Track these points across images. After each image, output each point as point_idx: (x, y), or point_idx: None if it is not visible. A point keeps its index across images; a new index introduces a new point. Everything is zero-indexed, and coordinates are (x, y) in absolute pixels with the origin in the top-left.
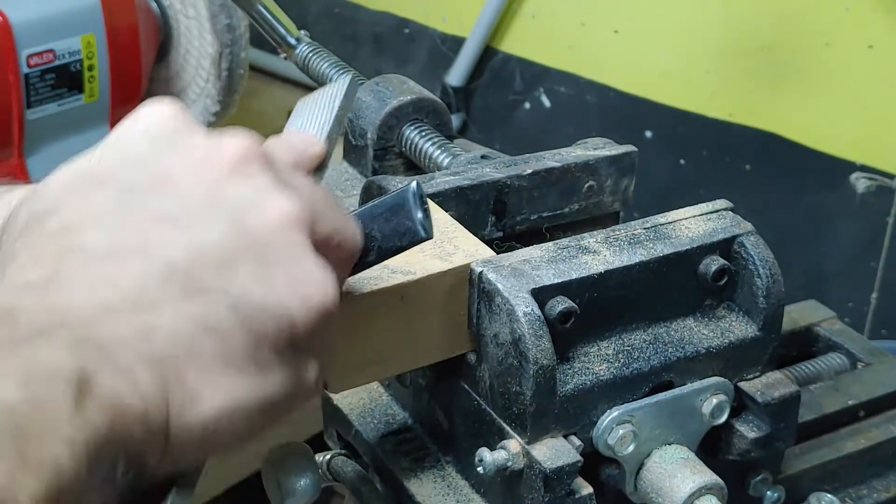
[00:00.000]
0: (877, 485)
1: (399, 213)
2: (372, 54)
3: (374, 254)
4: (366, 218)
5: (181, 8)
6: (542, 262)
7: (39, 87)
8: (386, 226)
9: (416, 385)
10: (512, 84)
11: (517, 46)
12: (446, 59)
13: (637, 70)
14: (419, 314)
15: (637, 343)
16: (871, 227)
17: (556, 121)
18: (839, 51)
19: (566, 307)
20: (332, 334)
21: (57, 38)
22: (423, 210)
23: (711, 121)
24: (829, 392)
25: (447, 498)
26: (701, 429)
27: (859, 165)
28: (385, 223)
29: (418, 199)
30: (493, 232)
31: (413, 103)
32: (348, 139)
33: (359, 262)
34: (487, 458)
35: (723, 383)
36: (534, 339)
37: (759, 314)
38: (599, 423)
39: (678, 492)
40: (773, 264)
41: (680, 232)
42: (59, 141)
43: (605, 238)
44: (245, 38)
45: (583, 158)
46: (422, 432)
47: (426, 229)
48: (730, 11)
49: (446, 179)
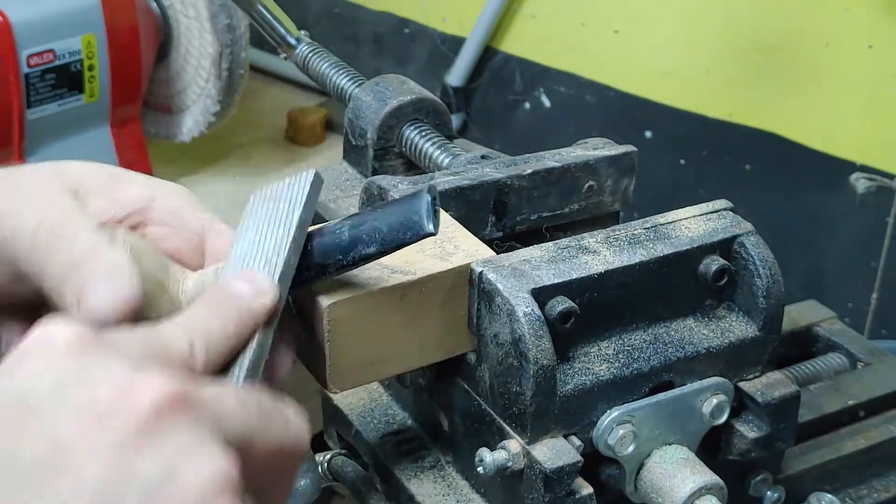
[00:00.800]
0: (877, 485)
1: (408, 208)
2: (372, 54)
3: (376, 246)
4: (377, 212)
5: (181, 8)
6: (543, 263)
7: (39, 87)
8: (392, 219)
9: (416, 385)
10: (512, 84)
11: (517, 46)
12: (446, 59)
13: (637, 70)
14: (419, 314)
15: (637, 343)
16: (872, 228)
17: (556, 121)
18: (839, 51)
19: (566, 307)
20: (333, 334)
21: (57, 38)
22: (433, 208)
23: (711, 121)
24: (829, 392)
25: (447, 498)
26: (701, 429)
27: (859, 165)
28: (391, 216)
29: (431, 199)
30: (493, 232)
31: (413, 103)
32: (348, 139)
33: (359, 254)
34: (487, 459)
35: (723, 383)
36: (534, 340)
37: (759, 314)
38: (599, 423)
39: (678, 492)
40: (773, 264)
41: (680, 232)
42: (60, 141)
43: (605, 238)
44: (245, 38)
45: (583, 158)
46: (422, 432)
47: (433, 223)
48: (730, 11)
49: (446, 179)
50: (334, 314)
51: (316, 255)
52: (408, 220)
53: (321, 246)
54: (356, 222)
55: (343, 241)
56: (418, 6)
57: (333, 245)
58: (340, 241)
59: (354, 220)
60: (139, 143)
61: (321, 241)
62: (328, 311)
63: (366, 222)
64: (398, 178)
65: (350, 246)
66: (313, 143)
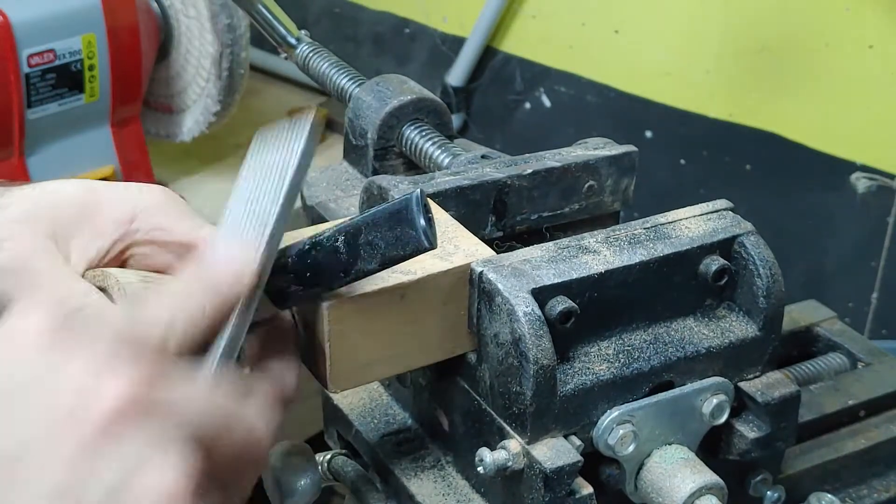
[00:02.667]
0: (877, 485)
1: (402, 221)
2: (372, 54)
3: (377, 262)
4: (368, 225)
5: (182, 8)
6: (543, 262)
7: (40, 87)
8: (389, 234)
9: (416, 385)
10: (512, 84)
11: (518, 46)
12: (447, 58)
13: (637, 70)
14: (419, 314)
15: (637, 343)
16: (872, 227)
17: (556, 121)
18: (839, 51)
19: (566, 307)
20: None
21: (57, 37)
22: (427, 219)
23: (712, 121)
24: (829, 392)
25: (447, 498)
26: (701, 429)
27: (860, 165)
28: (388, 231)
29: (422, 207)
30: (493, 232)
31: (413, 103)
32: (349, 139)
33: (360, 270)
34: (488, 458)
35: (723, 383)
36: (534, 339)
37: (759, 314)
38: (600, 423)
39: (678, 492)
40: (774, 264)
41: (680, 232)
42: (60, 141)
43: (605, 238)
44: (246, 37)
45: (583, 158)
46: (422, 432)
47: (430, 239)
48: (730, 11)
49: (446, 179)
50: (335, 315)
51: (316, 273)
52: (406, 235)
53: (321, 264)
54: (351, 235)
55: (342, 258)
56: (419, 6)
57: (333, 263)
58: (339, 259)
59: (349, 233)
60: (139, 142)
61: (319, 259)
62: (329, 312)
63: (361, 235)
64: (398, 177)
65: (350, 263)
66: None
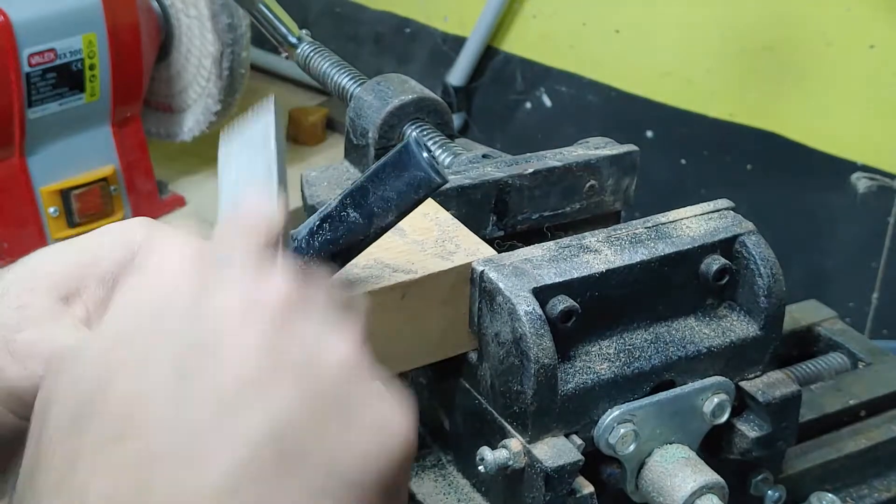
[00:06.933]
0: (877, 484)
1: (407, 165)
2: (373, 54)
3: (393, 214)
4: (373, 181)
5: (182, 7)
6: (544, 262)
7: (40, 87)
8: (397, 182)
9: (416, 384)
10: (513, 84)
11: (518, 46)
12: (447, 58)
13: (638, 70)
14: (420, 313)
15: (638, 342)
16: (872, 227)
17: (557, 120)
18: (840, 51)
19: (567, 306)
20: None
21: (58, 37)
22: (431, 156)
23: (712, 121)
24: (830, 392)
25: (448, 497)
26: (702, 428)
27: (860, 165)
28: (395, 180)
29: (422, 146)
30: (494, 231)
31: (414, 102)
32: (350, 138)
33: (378, 227)
34: (489, 457)
35: (724, 383)
36: (535, 339)
37: (760, 314)
38: (601, 422)
39: (679, 491)
40: (775, 264)
41: (681, 231)
42: (60, 140)
43: (606, 237)
44: (246, 37)
45: (584, 158)
46: (423, 431)
47: (440, 173)
48: (730, 11)
49: None
50: None
51: (338, 243)
52: (414, 178)
53: (339, 234)
54: (360, 197)
55: (357, 223)
56: (419, 6)
57: (349, 231)
58: (357, 224)
59: (356, 196)
60: (140, 142)
61: (338, 230)
62: None
63: (370, 193)
64: None
65: (367, 224)
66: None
